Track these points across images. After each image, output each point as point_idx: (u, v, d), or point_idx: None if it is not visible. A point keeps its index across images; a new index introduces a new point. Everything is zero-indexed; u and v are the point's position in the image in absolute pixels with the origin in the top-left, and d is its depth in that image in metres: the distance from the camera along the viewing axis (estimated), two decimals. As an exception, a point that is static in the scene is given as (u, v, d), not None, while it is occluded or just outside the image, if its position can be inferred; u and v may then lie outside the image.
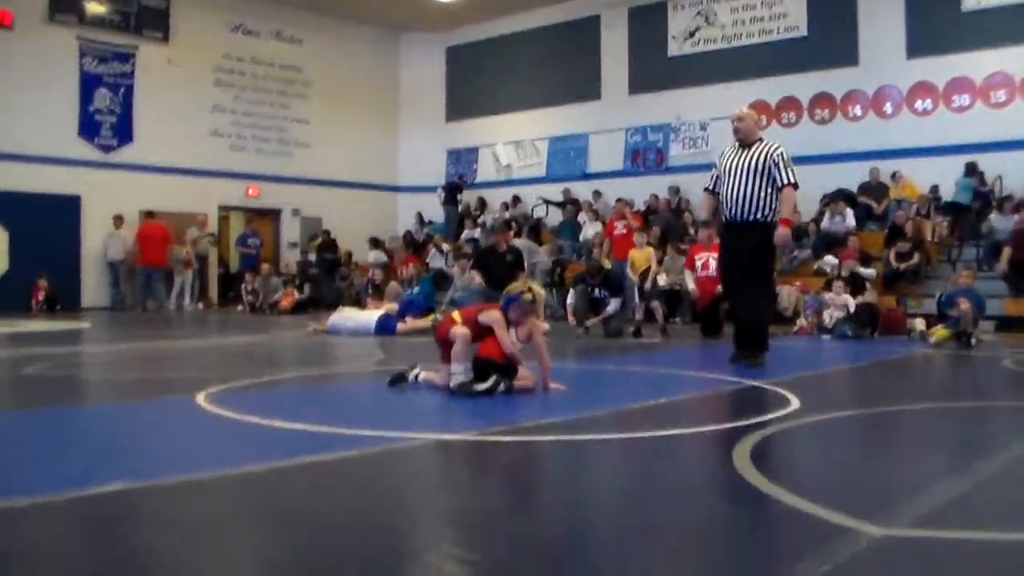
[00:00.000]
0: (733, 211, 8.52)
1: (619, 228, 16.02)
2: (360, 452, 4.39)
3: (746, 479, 3.79)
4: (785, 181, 8.32)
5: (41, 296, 19.56)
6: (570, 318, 12.96)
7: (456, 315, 6.75)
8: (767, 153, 8.40)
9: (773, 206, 8.40)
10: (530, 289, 6.62)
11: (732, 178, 8.52)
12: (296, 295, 20.49)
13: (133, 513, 3.43)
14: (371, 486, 3.95)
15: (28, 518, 3.27)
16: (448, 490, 3.96)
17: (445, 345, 6.50)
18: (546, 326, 13.22)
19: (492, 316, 6.49)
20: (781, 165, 8.32)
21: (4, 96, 19.48)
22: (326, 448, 4.43)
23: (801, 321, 13.35)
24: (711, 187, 9.01)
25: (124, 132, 21.64)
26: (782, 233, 8.43)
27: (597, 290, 12.70)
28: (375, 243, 22.93)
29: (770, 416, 5.41)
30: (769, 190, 8.37)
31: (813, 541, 2.96)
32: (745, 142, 8.62)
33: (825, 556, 2.77)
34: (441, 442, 4.75)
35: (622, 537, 3.15)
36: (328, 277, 22.05)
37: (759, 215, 8.39)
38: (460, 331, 6.40)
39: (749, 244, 8.44)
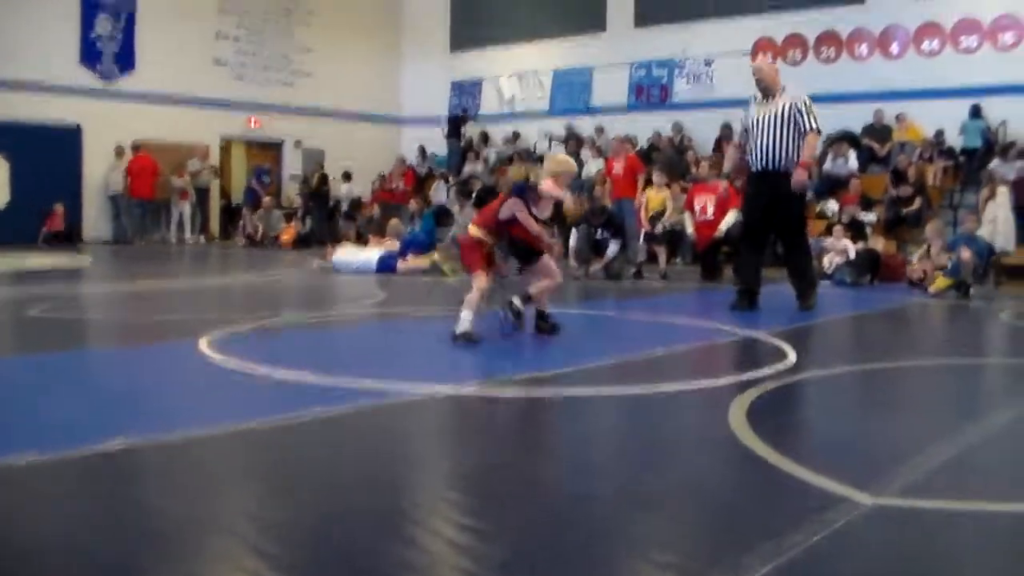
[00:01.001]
0: (764, 161, 8.78)
1: (617, 168, 15.98)
2: (362, 406, 4.45)
3: (742, 441, 3.85)
4: (809, 127, 8.58)
5: (58, 225, 19.64)
6: (571, 260, 12.97)
7: (472, 227, 6.84)
8: (791, 103, 8.63)
9: (802, 151, 8.70)
10: (528, 175, 6.78)
11: (759, 129, 8.76)
12: (298, 228, 20.53)
13: (136, 471, 3.49)
14: (372, 443, 4.02)
15: (29, 475, 3.32)
16: (445, 448, 4.04)
17: (476, 256, 6.72)
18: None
19: (510, 206, 6.62)
20: (804, 111, 8.58)
21: (3, 21, 19.23)
22: (329, 401, 4.49)
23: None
24: (740, 141, 9.28)
25: (126, 60, 21.42)
26: (798, 177, 8.62)
27: (599, 231, 12.71)
28: (347, 176, 22.82)
29: (767, 371, 5.45)
30: (797, 139, 8.65)
31: (806, 509, 3.02)
32: (768, 92, 8.82)
33: (818, 526, 2.84)
34: (440, 396, 4.80)
35: (617, 501, 3.21)
36: (323, 213, 21.94)
37: (789, 164, 8.64)
38: (479, 281, 6.52)
39: (781, 193, 8.70)
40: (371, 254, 13.33)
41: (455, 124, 24.07)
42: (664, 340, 6.89)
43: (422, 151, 25.03)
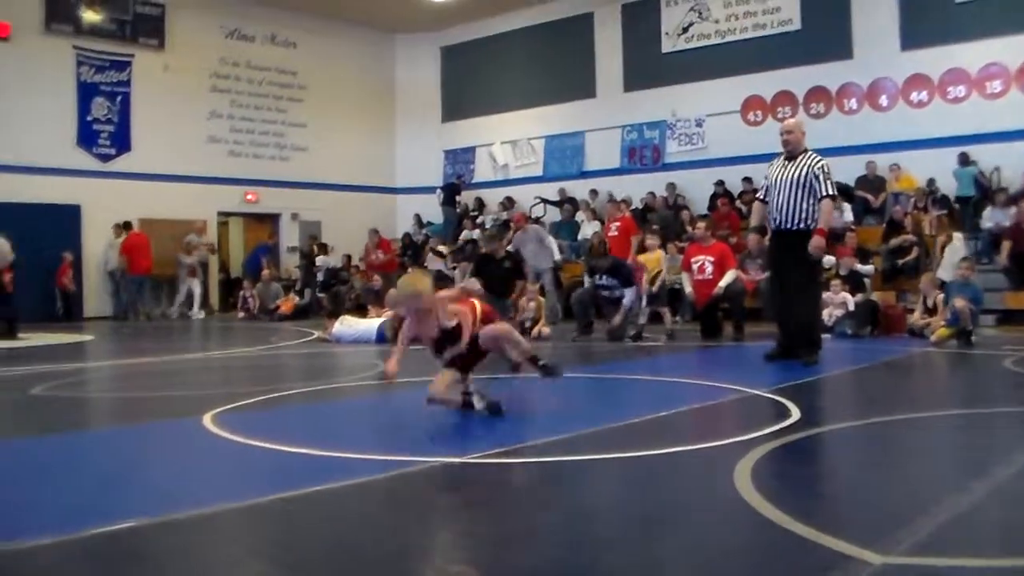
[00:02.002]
0: (779, 220, 9.14)
1: (612, 230, 16.04)
2: (368, 479, 4.45)
3: (747, 502, 3.84)
4: (823, 193, 8.89)
5: (69, 275, 20.05)
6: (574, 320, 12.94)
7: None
8: (810, 165, 8.95)
9: (816, 216, 8.96)
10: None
11: (777, 189, 9.12)
12: (296, 300, 20.58)
13: (142, 552, 3.48)
14: (378, 516, 4.01)
15: (36, 559, 3.32)
16: (449, 519, 4.02)
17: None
18: (547, 330, 13.36)
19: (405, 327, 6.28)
20: (821, 178, 8.89)
21: (2, 107, 19.51)
22: (335, 475, 4.48)
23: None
24: (762, 196, 9.62)
25: (122, 140, 21.71)
26: (815, 243, 8.86)
27: (604, 277, 12.71)
28: (322, 248, 22.90)
29: (771, 429, 5.45)
30: (811, 201, 8.97)
31: (813, 569, 3.01)
32: (793, 154, 9.15)
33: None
34: (443, 466, 4.78)
35: (623, 568, 3.19)
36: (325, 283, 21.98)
37: (802, 224, 8.97)
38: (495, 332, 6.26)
39: (795, 251, 8.96)
40: (371, 324, 13.35)
41: (450, 192, 24.24)
42: (667, 400, 6.92)
43: (418, 219, 25.20)
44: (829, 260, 15.32)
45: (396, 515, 4.03)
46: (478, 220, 23.18)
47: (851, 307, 12.78)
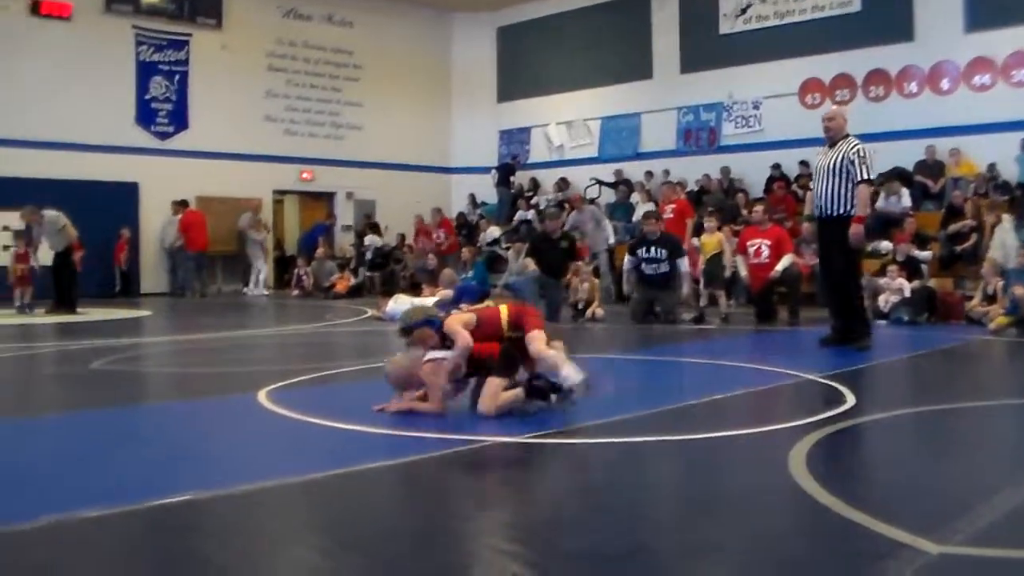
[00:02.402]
0: (821, 208, 9.09)
1: (667, 212, 15.93)
2: (423, 456, 4.50)
3: (802, 487, 3.82)
4: (859, 178, 8.80)
5: (125, 250, 20.49)
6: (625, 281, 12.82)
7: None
8: (846, 151, 8.87)
9: (854, 201, 8.90)
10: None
11: (819, 176, 9.13)
12: (351, 279, 20.71)
13: (198, 524, 3.53)
14: (432, 493, 4.05)
15: (93, 529, 3.39)
16: (505, 498, 4.04)
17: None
18: (601, 311, 13.33)
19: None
20: (856, 162, 8.81)
21: (64, 87, 19.77)
22: (389, 452, 4.54)
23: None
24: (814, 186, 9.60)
25: (180, 119, 21.93)
26: (854, 231, 8.82)
27: (652, 249, 12.64)
28: (374, 228, 23.05)
29: (825, 415, 5.41)
30: (849, 187, 8.88)
31: (868, 558, 2.99)
32: (833, 140, 9.11)
33: (882, 575, 2.80)
34: (500, 445, 4.80)
35: (677, 552, 3.21)
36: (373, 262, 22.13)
37: (842, 210, 8.92)
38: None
39: (836, 238, 8.96)
40: (424, 303, 13.37)
41: (505, 172, 24.19)
42: (722, 384, 6.88)
43: (472, 199, 25.21)
44: (886, 246, 15.18)
45: (451, 494, 4.07)
46: (532, 201, 23.14)
47: (908, 293, 12.60)
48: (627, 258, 13.27)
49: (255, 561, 3.11)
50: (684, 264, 12.66)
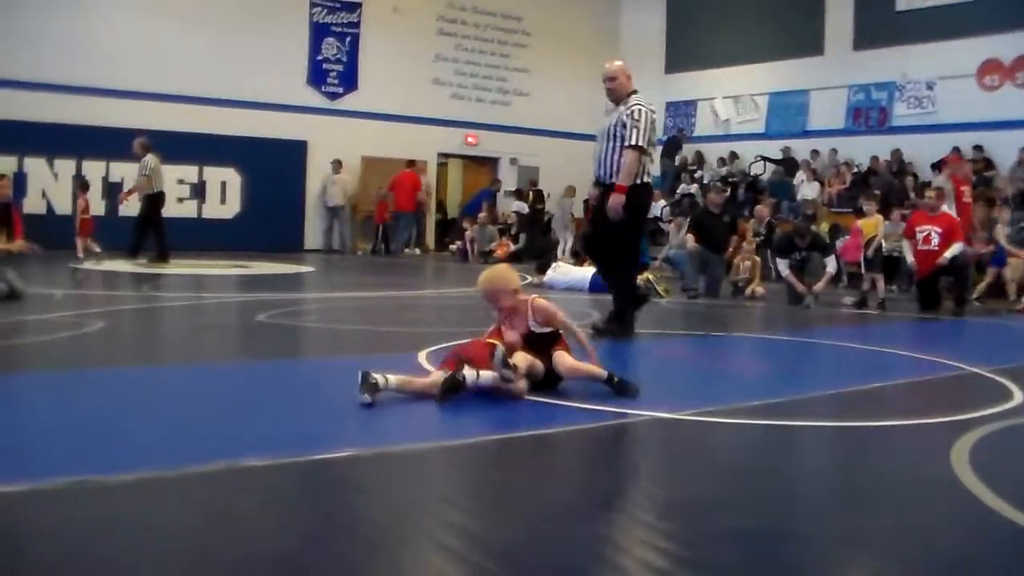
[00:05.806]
0: (598, 173, 8.11)
1: (965, 196, 15.23)
2: (576, 428, 4.45)
3: (965, 485, 3.60)
4: (628, 143, 7.77)
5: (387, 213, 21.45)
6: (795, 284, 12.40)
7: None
8: (622, 113, 7.95)
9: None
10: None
11: (599, 139, 8.14)
12: (511, 246, 20.76)
13: (356, 480, 3.55)
14: (583, 464, 4.01)
15: (250, 478, 3.44)
16: (655, 475, 3.94)
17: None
18: (761, 290, 13.00)
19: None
20: (629, 124, 7.79)
21: (240, 47, 20.38)
22: (548, 421, 4.51)
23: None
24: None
25: (350, 80, 22.38)
26: (613, 201, 7.70)
27: (803, 253, 12.25)
28: (518, 194, 23.09)
29: (991, 411, 5.09)
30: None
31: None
32: (616, 101, 8.19)
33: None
34: (654, 420, 4.69)
35: (830, 539, 3.08)
36: (534, 229, 22.15)
37: (615, 178, 7.77)
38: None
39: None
40: (585, 272, 13.26)
41: (670, 145, 23.87)
42: (879, 372, 6.64)
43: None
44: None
45: (602, 465, 4.03)
46: (696, 175, 22.77)
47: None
48: (779, 260, 12.68)
49: (411, 521, 3.09)
50: (832, 264, 12.18)
